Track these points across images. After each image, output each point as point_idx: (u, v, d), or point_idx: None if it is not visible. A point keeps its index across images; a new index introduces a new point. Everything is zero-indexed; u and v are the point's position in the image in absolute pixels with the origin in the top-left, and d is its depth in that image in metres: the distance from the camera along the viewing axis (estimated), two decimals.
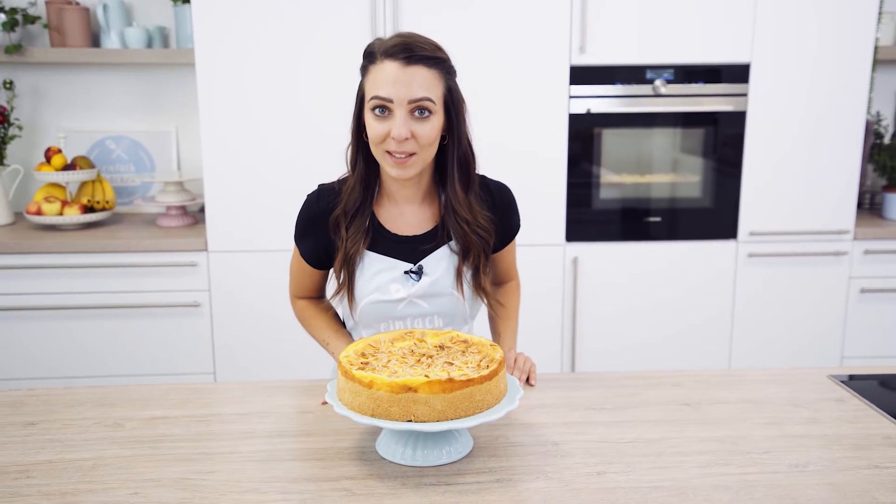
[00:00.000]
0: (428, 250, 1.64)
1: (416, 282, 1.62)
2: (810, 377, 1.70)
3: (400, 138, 1.48)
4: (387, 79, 1.50)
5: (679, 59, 2.93)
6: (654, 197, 3.05)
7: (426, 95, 1.50)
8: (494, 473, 1.29)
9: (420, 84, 1.49)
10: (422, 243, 1.64)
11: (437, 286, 1.62)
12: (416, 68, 1.50)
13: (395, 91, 1.49)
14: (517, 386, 1.38)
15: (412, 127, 1.49)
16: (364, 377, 1.27)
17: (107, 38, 3.25)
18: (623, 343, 3.10)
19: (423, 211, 1.66)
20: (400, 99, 1.49)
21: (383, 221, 1.65)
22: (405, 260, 1.63)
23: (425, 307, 1.64)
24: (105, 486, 1.25)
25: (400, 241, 1.64)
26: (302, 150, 2.89)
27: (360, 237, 1.61)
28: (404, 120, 1.49)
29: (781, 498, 1.21)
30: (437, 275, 1.63)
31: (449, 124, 1.57)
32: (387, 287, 1.62)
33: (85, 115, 3.41)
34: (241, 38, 2.81)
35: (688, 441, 1.40)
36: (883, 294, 3.15)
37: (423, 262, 1.63)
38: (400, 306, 1.63)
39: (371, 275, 1.62)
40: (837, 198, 3.06)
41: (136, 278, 2.94)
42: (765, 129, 2.99)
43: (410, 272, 1.62)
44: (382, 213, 1.66)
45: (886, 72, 3.48)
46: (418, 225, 1.65)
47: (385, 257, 1.63)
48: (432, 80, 1.52)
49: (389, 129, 1.49)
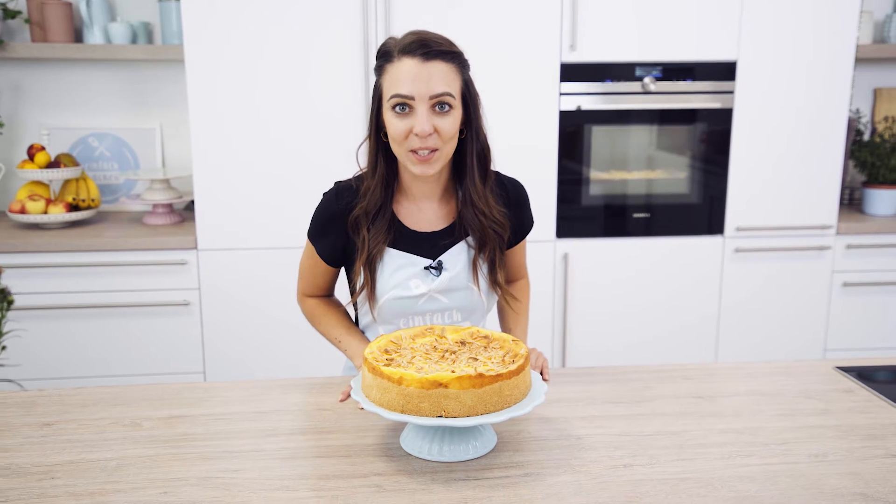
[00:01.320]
0: (446, 245, 1.65)
1: (437, 277, 1.63)
2: (817, 369, 1.73)
3: (424, 134, 1.49)
4: (406, 76, 1.50)
5: (668, 57, 2.96)
6: (643, 193, 3.08)
7: (446, 90, 1.51)
8: (522, 468, 1.30)
9: (440, 79, 1.51)
10: (440, 239, 1.65)
11: (455, 281, 1.64)
12: (434, 63, 1.51)
13: (415, 88, 1.49)
14: (540, 380, 1.39)
15: (434, 122, 1.51)
16: (394, 373, 1.27)
17: (90, 34, 3.20)
18: (612, 337, 3.13)
19: (441, 207, 1.67)
20: (421, 95, 1.49)
21: (402, 218, 1.66)
22: (424, 256, 1.64)
23: (445, 302, 1.65)
24: (133, 486, 1.24)
25: (419, 237, 1.65)
26: (293, 146, 2.88)
27: (382, 238, 1.61)
28: (426, 115, 1.50)
29: (806, 487, 1.23)
30: (456, 270, 1.64)
31: (467, 117, 1.59)
32: (407, 283, 1.62)
33: (67, 111, 3.35)
34: (230, 34, 2.78)
35: (707, 433, 1.42)
36: (864, 287, 3.22)
37: (442, 257, 1.64)
38: (420, 302, 1.63)
39: (391, 271, 1.63)
40: (821, 193, 3.12)
41: (124, 277, 2.90)
42: (751, 126, 3.04)
43: (430, 268, 1.63)
44: (401, 211, 1.66)
45: (864, 70, 3.55)
46: (437, 221, 1.66)
47: (405, 254, 1.63)
48: (450, 75, 1.53)
49: (412, 126, 1.50)
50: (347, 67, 2.83)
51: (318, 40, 2.81)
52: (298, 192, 2.88)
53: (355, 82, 2.84)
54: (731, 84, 3.01)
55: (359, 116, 2.87)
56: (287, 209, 2.90)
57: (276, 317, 2.96)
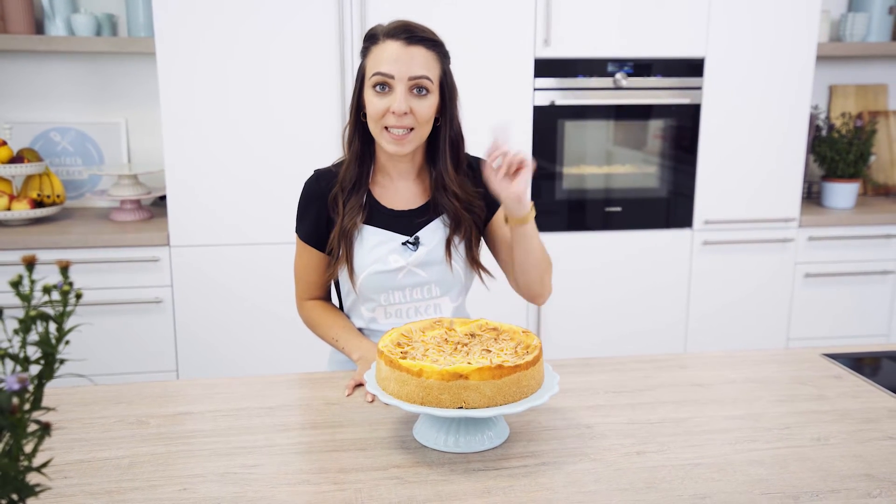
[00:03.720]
0: (422, 223, 1.73)
1: (414, 251, 1.70)
2: (805, 356, 1.79)
3: (399, 112, 1.58)
4: (389, 57, 1.59)
5: (639, 54, 3.01)
6: (615, 187, 3.12)
7: (425, 74, 1.60)
8: (538, 457, 1.32)
9: (420, 63, 1.60)
10: (416, 216, 1.73)
11: (432, 255, 1.71)
12: (416, 48, 1.61)
13: (396, 68, 1.58)
14: (551, 371, 1.41)
15: (411, 103, 1.60)
16: (413, 366, 1.27)
17: (52, 25, 3.12)
18: (586, 330, 3.17)
19: (416, 186, 1.75)
20: (401, 75, 1.59)
21: (378, 197, 1.73)
22: (401, 233, 1.71)
23: (423, 276, 1.72)
24: (149, 484, 1.22)
25: (395, 215, 1.73)
26: (266, 141, 2.85)
27: (356, 212, 1.69)
28: (404, 95, 1.59)
29: (815, 470, 1.27)
30: (433, 244, 1.72)
31: (443, 106, 1.67)
32: (386, 258, 1.69)
33: (28, 105, 3.26)
34: (202, 27, 2.74)
35: (711, 420, 1.46)
36: (825, 278, 3.32)
37: (419, 233, 1.71)
38: (399, 275, 1.70)
39: (370, 247, 1.70)
40: (784, 187, 3.21)
41: (94, 274, 2.84)
42: (718, 122, 3.11)
43: (407, 243, 1.71)
44: (378, 190, 1.74)
45: (821, 67, 3.65)
46: (412, 199, 1.75)
47: (382, 230, 1.71)
48: (431, 61, 1.63)
49: (389, 105, 1.59)
50: (323, 62, 2.82)
51: (292, 35, 2.79)
52: (272, 187, 2.86)
53: (330, 76, 2.82)
54: (699, 80, 3.07)
55: (334, 112, 2.85)
56: (261, 205, 2.88)
57: (251, 314, 2.93)
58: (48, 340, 0.76)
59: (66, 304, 0.79)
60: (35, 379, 0.78)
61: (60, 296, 0.79)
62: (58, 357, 0.78)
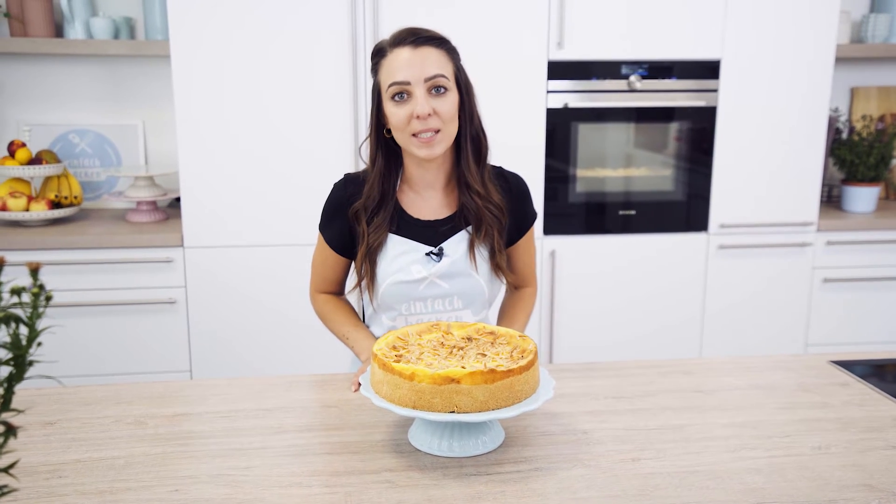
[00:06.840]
0: (448, 233, 1.70)
1: (437, 262, 1.67)
2: (812, 363, 1.76)
3: (423, 114, 1.56)
4: (401, 64, 1.58)
5: (653, 56, 2.98)
6: (628, 190, 3.10)
7: (440, 72, 1.59)
8: (532, 462, 1.31)
9: (433, 62, 1.59)
10: (442, 227, 1.70)
11: (456, 266, 1.68)
12: (425, 49, 1.59)
13: (410, 73, 1.57)
14: (547, 376, 1.40)
15: (433, 104, 1.57)
16: (405, 369, 1.27)
17: (71, 29, 3.16)
18: (599, 333, 3.15)
19: (444, 197, 1.73)
20: (416, 79, 1.57)
21: (405, 207, 1.71)
22: (426, 243, 1.69)
23: (445, 287, 1.69)
24: (142, 484, 1.23)
25: (421, 225, 1.70)
26: (280, 144, 2.86)
27: (382, 230, 1.66)
28: (424, 98, 1.57)
29: (813, 479, 1.25)
30: (457, 256, 1.68)
31: (461, 102, 1.65)
32: (408, 268, 1.67)
33: (47, 107, 3.31)
34: (217, 30, 2.76)
35: (711, 427, 1.44)
36: (843, 283, 3.27)
37: (443, 244, 1.68)
38: (421, 286, 1.68)
39: (393, 256, 1.68)
40: (802, 191, 3.16)
41: (109, 275, 2.87)
42: (734, 124, 3.07)
43: (431, 254, 1.68)
44: (405, 199, 1.72)
45: (842, 69, 3.60)
46: (439, 210, 1.72)
47: (407, 240, 1.68)
48: (442, 59, 1.61)
49: (412, 111, 1.57)
50: (336, 67, 2.82)
51: (303, 39, 2.80)
52: (286, 190, 2.87)
53: (344, 78, 2.83)
54: (714, 82, 3.04)
55: (348, 113, 2.86)
56: (274, 207, 2.89)
57: (264, 315, 2.94)
58: (18, 343, 0.77)
59: (36, 305, 0.79)
60: (4, 382, 0.78)
61: (31, 298, 0.79)
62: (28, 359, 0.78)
